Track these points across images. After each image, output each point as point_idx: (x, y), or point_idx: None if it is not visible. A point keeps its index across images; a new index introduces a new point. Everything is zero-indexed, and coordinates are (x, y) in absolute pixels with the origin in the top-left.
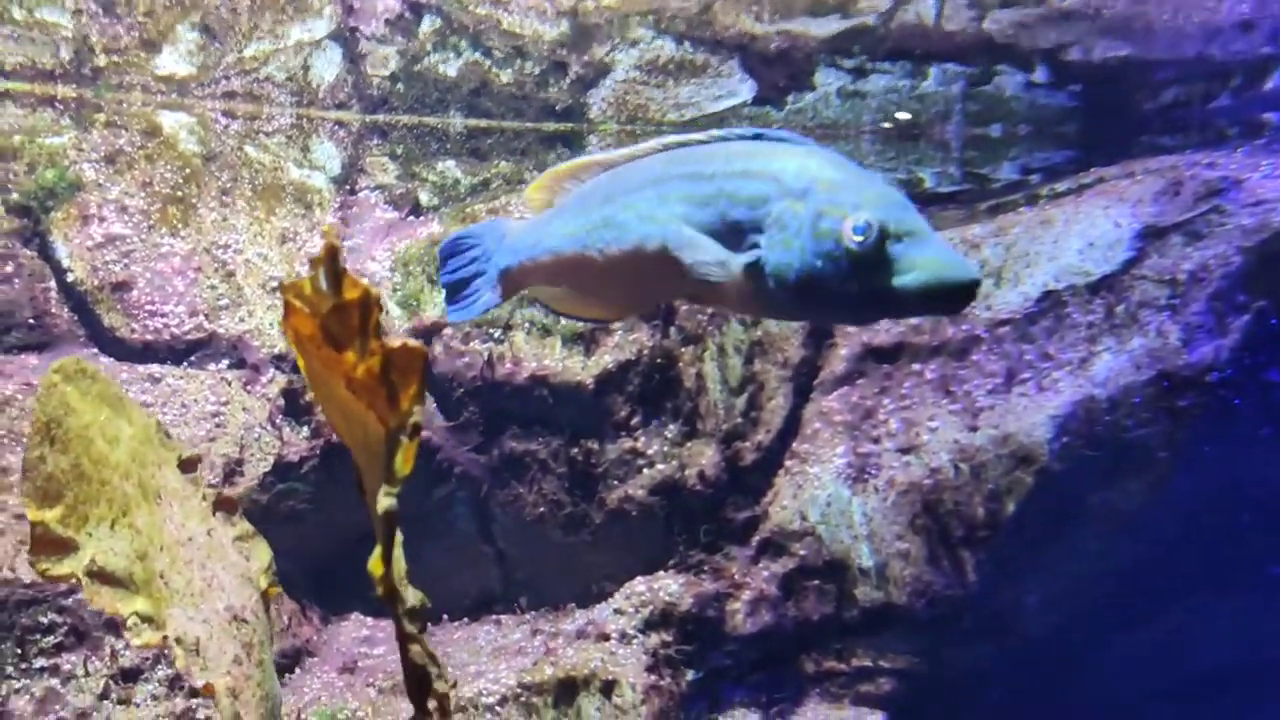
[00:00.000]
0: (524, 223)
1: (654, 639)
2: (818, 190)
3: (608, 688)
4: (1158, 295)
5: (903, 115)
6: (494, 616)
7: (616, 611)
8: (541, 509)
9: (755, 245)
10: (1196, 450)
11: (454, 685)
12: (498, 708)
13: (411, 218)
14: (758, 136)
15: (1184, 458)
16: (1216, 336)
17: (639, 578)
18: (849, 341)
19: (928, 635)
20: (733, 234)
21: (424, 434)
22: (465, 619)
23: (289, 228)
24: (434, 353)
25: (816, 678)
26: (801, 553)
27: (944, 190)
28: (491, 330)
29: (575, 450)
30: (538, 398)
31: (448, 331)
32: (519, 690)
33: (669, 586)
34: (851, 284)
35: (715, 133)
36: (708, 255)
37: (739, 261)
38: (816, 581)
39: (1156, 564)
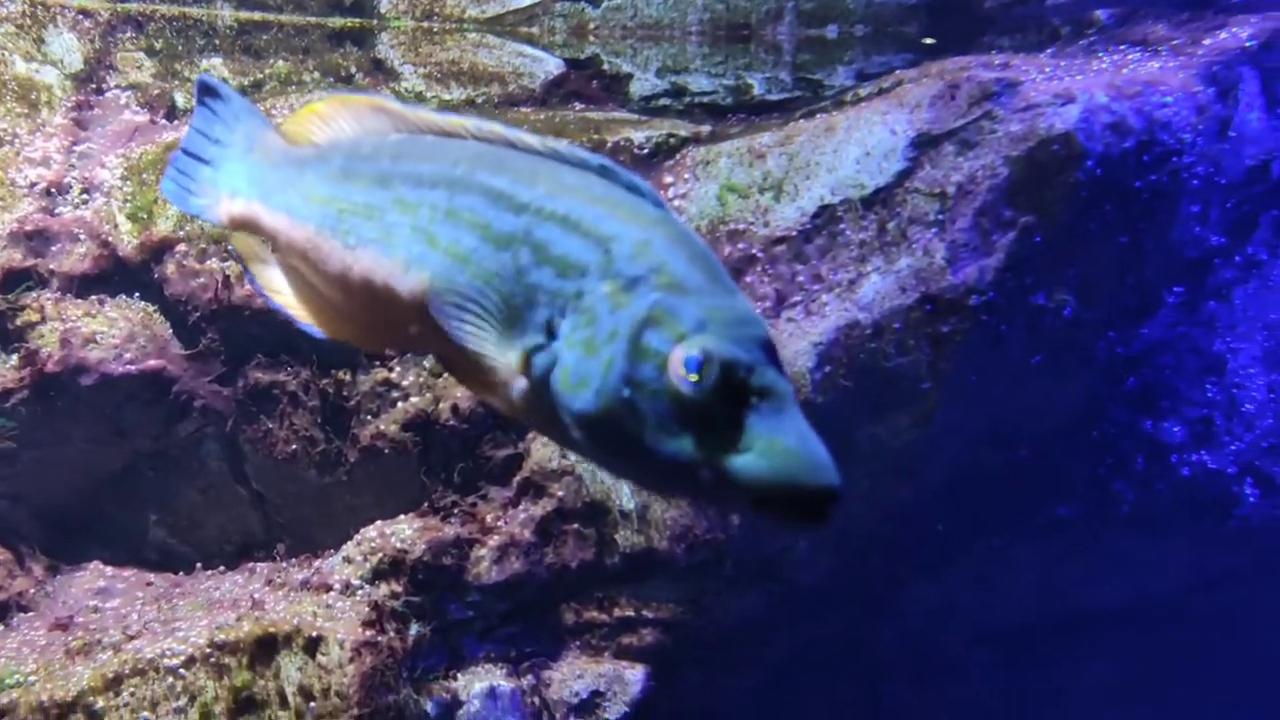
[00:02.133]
0: (279, 146)
1: (382, 590)
2: (655, 284)
3: (312, 645)
4: (927, 210)
5: None
6: (250, 564)
7: (345, 560)
8: (294, 446)
9: (549, 331)
10: (964, 381)
11: None
12: (182, 670)
13: (165, 122)
14: (604, 170)
15: (950, 390)
16: (981, 255)
17: (376, 523)
18: None
19: (691, 582)
20: (524, 302)
21: (158, 363)
22: (223, 567)
23: (5, 129)
24: (166, 271)
25: (576, 629)
26: (560, 494)
27: (774, 98)
28: (231, 248)
29: (326, 381)
30: (282, 322)
31: (181, 248)
32: (210, 650)
33: (402, 532)
34: (664, 438)
35: (552, 143)
36: (479, 326)
37: (515, 349)
38: (576, 525)
39: (934, 506)
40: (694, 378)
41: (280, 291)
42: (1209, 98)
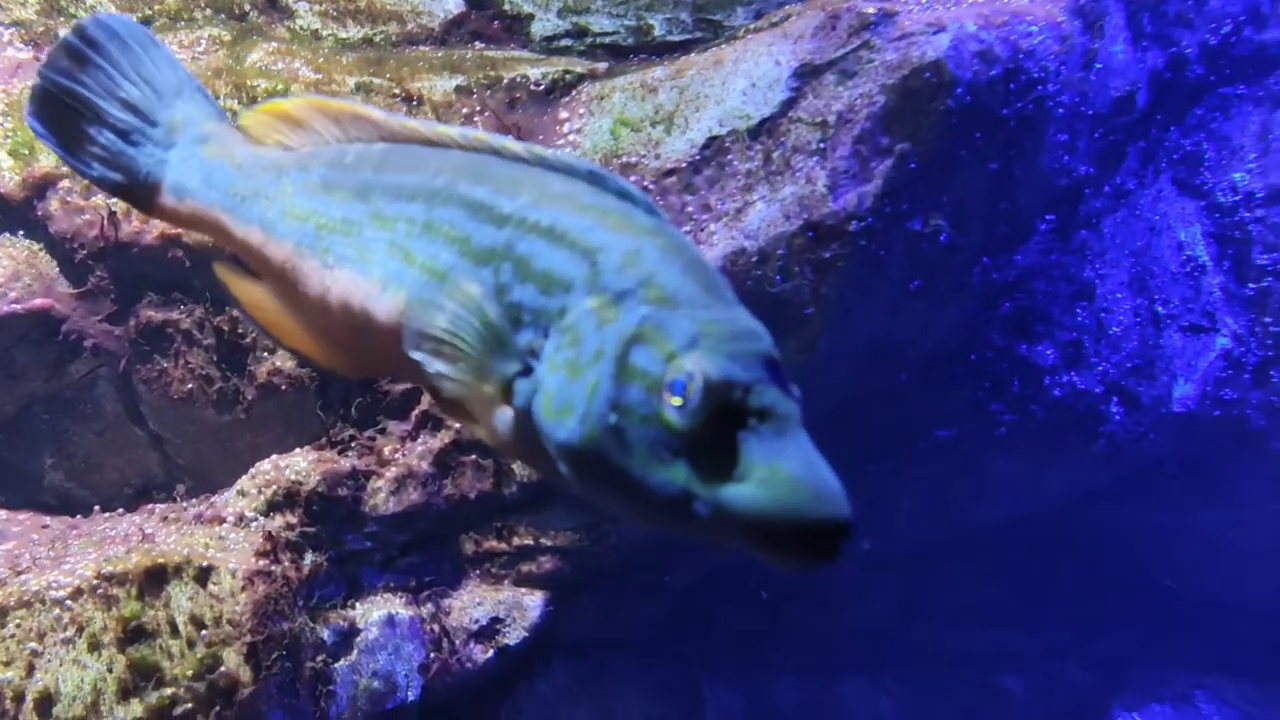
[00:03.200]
0: (243, 145)
1: (277, 521)
2: (644, 298)
3: (204, 574)
4: (810, 139)
5: None
6: (150, 506)
7: (239, 493)
8: (190, 386)
9: (532, 353)
10: (846, 306)
11: None
12: (69, 601)
13: None
14: (592, 177)
15: (834, 314)
16: (860, 182)
17: (271, 457)
18: None
19: (590, 511)
20: (506, 323)
21: (45, 302)
22: (122, 510)
23: None
24: (50, 208)
25: (476, 559)
26: (457, 426)
27: (675, 38)
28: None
29: (221, 319)
30: (172, 260)
31: (65, 184)
32: (97, 581)
33: (297, 464)
34: (654, 467)
35: (539, 150)
36: (453, 351)
37: (494, 377)
38: (474, 456)
39: (825, 431)
40: (677, 401)
41: (261, 308)
42: (1074, 29)
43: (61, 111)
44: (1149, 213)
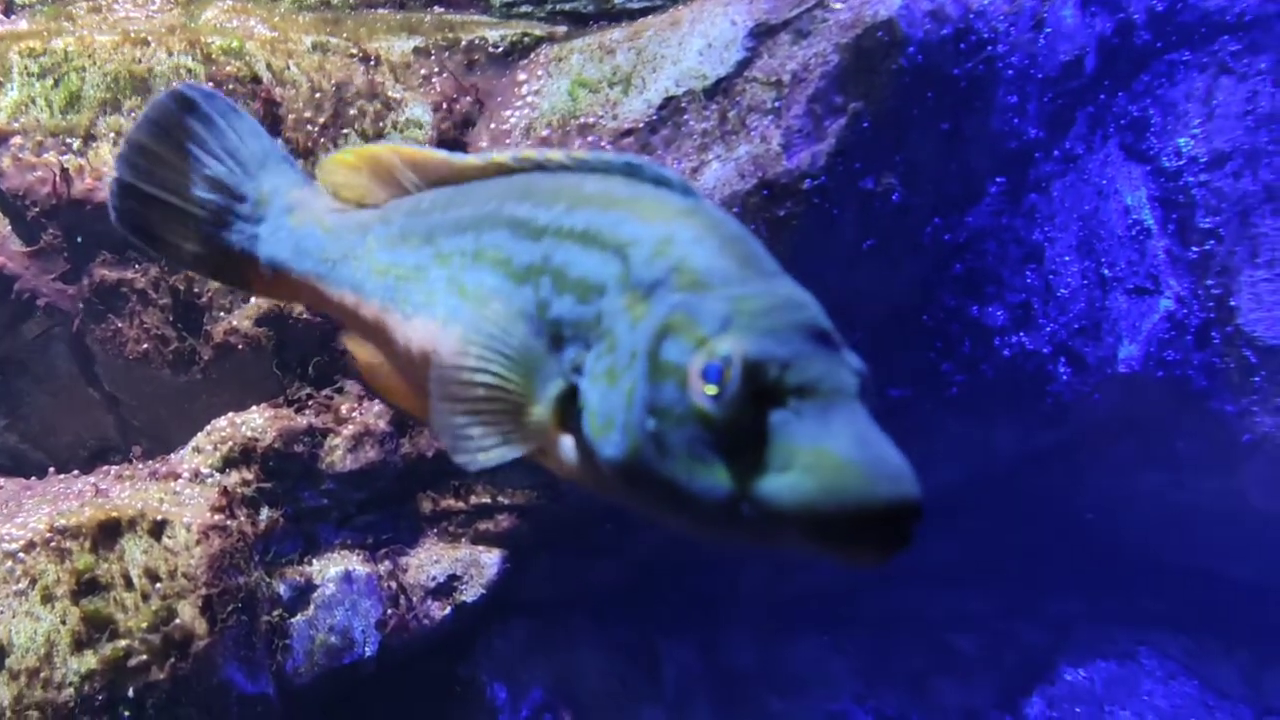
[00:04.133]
0: (329, 208)
1: (233, 477)
2: (674, 284)
3: (158, 528)
4: (765, 99)
5: None
6: (105, 467)
7: (195, 450)
8: (145, 346)
9: (577, 369)
10: (800, 265)
11: None
12: (22, 554)
13: (2, 17)
14: (629, 169)
15: (788, 273)
16: (814, 141)
17: (227, 414)
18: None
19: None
20: (551, 341)
21: None
22: (77, 471)
23: None
24: (1, 165)
25: (434, 517)
26: None
27: (635, 5)
28: (69, 140)
29: (176, 278)
30: None
31: (16, 140)
32: (50, 534)
33: (253, 421)
34: (697, 471)
35: (578, 154)
36: (492, 381)
37: (544, 399)
38: None
39: None
40: (712, 390)
41: (375, 373)
42: None
43: (146, 204)
44: (1097, 177)
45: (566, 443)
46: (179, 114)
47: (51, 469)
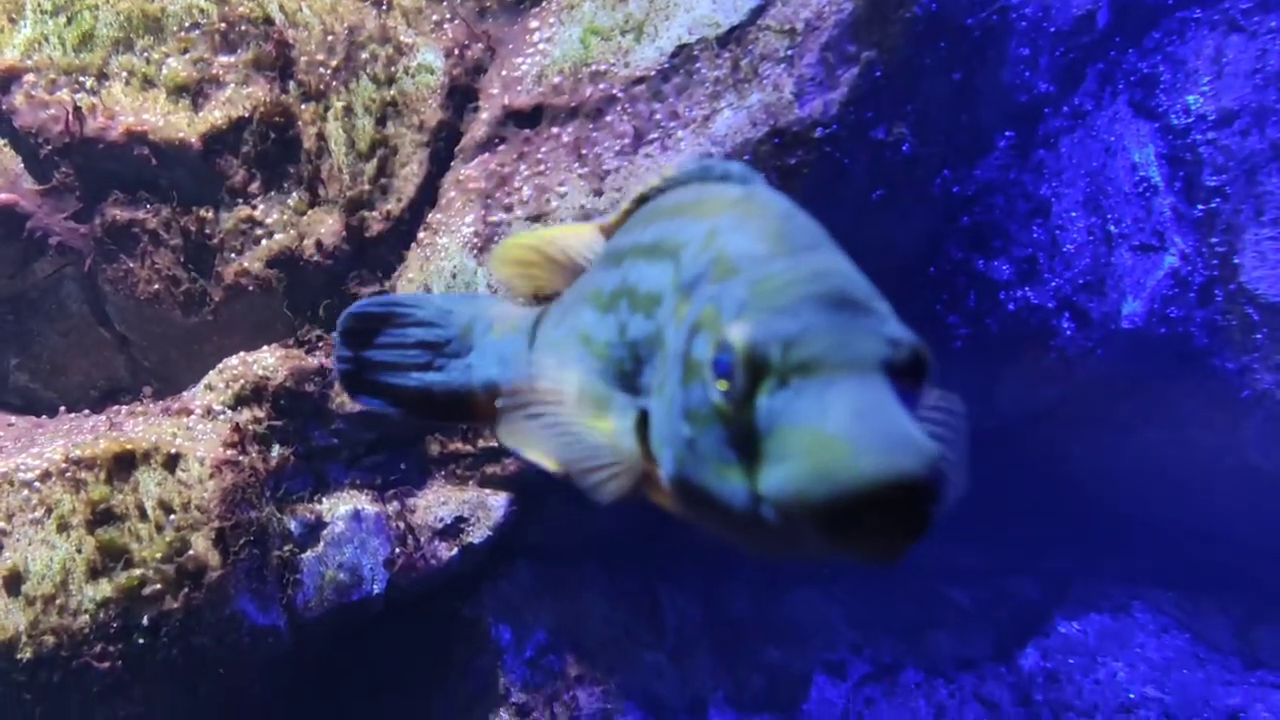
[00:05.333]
0: (515, 313)
1: (244, 415)
2: (712, 276)
3: (172, 461)
4: (778, 47)
5: None
6: (116, 406)
7: (207, 387)
8: (156, 286)
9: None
10: (810, 214)
11: None
12: (37, 483)
13: None
14: (702, 172)
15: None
16: (826, 90)
17: (239, 353)
18: (490, 104)
19: None
20: (635, 365)
21: (9, 198)
22: (88, 411)
23: None
24: (14, 102)
25: (441, 460)
26: None
27: None
28: (82, 78)
29: (188, 219)
30: (139, 158)
31: (30, 78)
32: (66, 465)
33: (265, 360)
34: (724, 477)
35: (667, 171)
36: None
37: (623, 432)
38: None
39: None
40: (724, 385)
41: None
42: None
43: (372, 380)
44: (1105, 134)
45: (660, 473)
46: (361, 330)
47: (62, 408)
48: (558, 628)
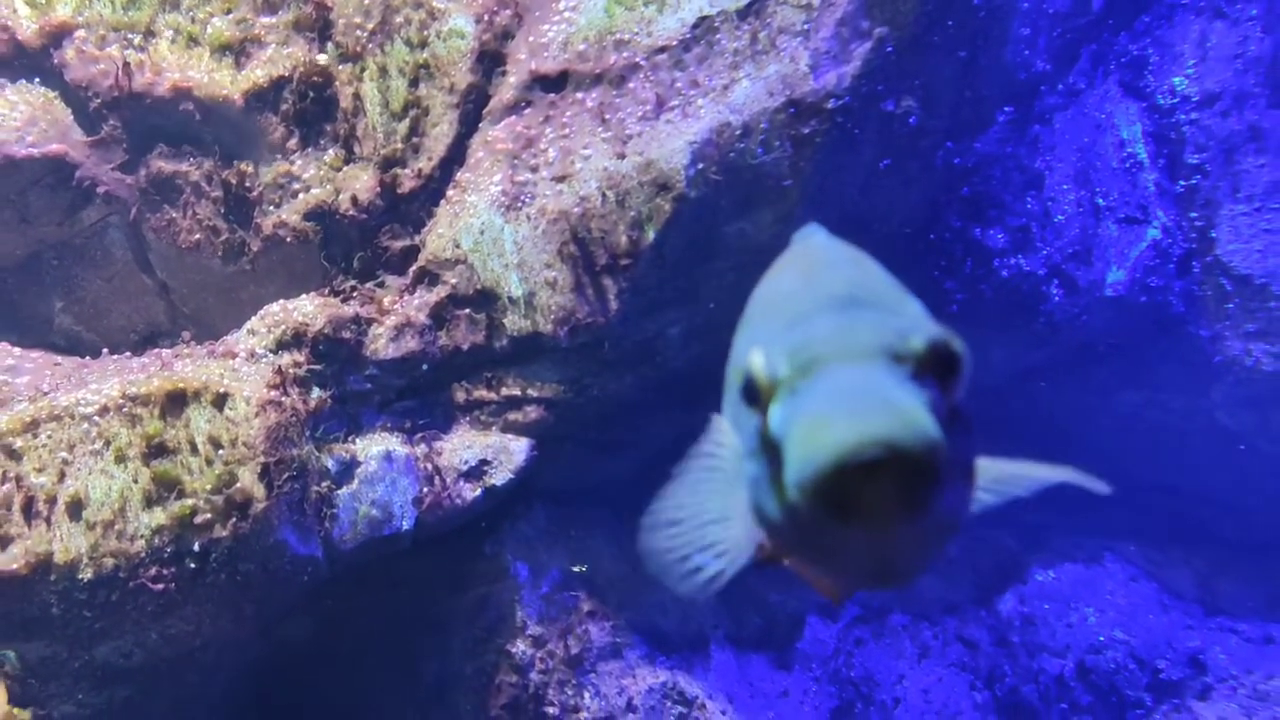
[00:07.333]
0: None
1: (285, 359)
2: (749, 326)
3: (220, 400)
4: (795, 21)
5: None
6: (156, 350)
7: (250, 332)
8: (197, 236)
9: None
10: (821, 180)
11: None
12: (96, 417)
13: None
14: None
15: (809, 187)
16: (840, 63)
17: (279, 300)
18: (518, 69)
19: (573, 364)
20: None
21: (60, 148)
22: (129, 354)
23: None
24: (66, 57)
25: (467, 406)
26: (453, 281)
27: None
28: (131, 35)
29: (229, 172)
30: (184, 113)
31: (80, 34)
32: (122, 401)
33: (304, 307)
34: (767, 502)
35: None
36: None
37: (736, 512)
38: (468, 310)
39: None
40: (755, 411)
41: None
42: None
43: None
44: (1096, 111)
45: None
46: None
47: (105, 350)
48: (571, 566)
